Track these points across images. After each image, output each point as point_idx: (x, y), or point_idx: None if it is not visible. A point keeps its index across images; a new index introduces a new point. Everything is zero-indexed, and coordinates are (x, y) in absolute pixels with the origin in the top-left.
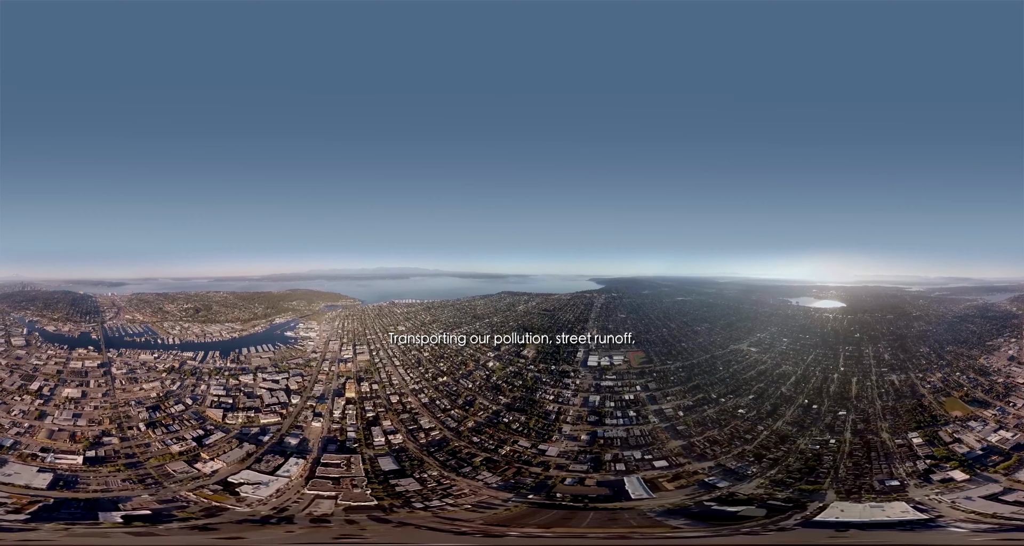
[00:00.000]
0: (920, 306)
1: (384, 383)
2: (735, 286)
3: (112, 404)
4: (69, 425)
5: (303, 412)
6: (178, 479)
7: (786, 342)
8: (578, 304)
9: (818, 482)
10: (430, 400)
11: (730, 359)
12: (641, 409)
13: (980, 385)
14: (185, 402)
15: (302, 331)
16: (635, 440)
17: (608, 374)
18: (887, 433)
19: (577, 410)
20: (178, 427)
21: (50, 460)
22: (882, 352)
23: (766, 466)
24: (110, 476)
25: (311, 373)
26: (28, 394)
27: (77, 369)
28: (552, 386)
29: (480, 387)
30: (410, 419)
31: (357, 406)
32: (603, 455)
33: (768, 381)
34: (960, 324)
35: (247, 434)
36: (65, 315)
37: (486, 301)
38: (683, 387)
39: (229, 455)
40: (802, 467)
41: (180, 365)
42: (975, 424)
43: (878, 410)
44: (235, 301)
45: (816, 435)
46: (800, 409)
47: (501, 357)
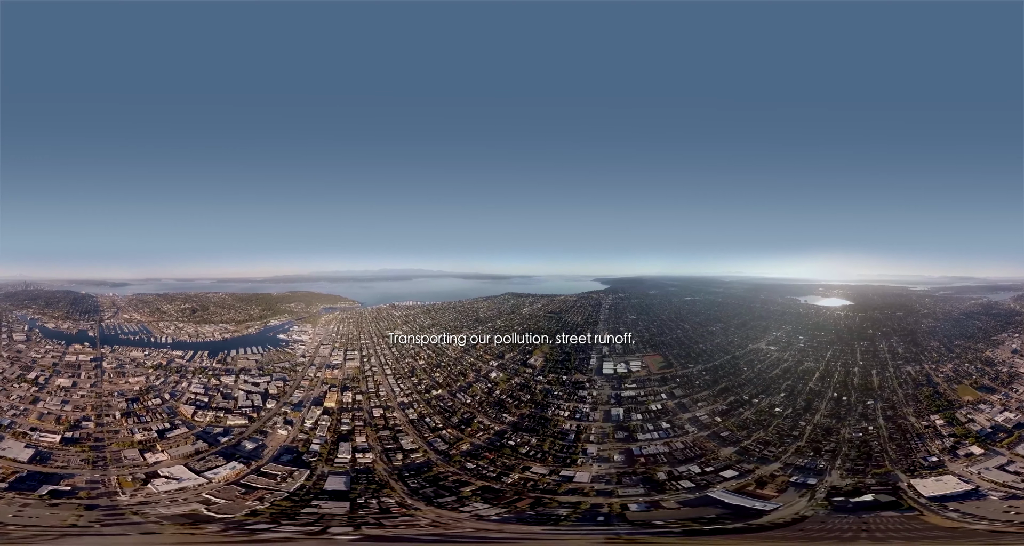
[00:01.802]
0: (927, 304)
1: (370, 394)
2: (741, 285)
3: (97, 394)
4: (57, 409)
5: (274, 418)
6: (122, 464)
7: (803, 340)
8: (585, 305)
9: (882, 465)
10: (419, 416)
11: (752, 359)
12: (674, 419)
13: (987, 374)
14: (163, 397)
15: (295, 334)
16: (681, 453)
17: (627, 382)
18: (913, 417)
19: (600, 426)
20: (148, 419)
21: (35, 438)
22: (895, 346)
23: (829, 458)
24: (74, 455)
25: (295, 378)
26: (25, 382)
27: (71, 362)
28: (566, 400)
29: (480, 403)
30: (390, 437)
31: (334, 417)
32: (654, 474)
33: (795, 378)
34: (966, 321)
35: (208, 433)
36: (65, 313)
37: (489, 303)
38: (711, 391)
39: (178, 450)
40: (859, 454)
41: (168, 363)
42: (984, 407)
43: (901, 398)
44: (233, 302)
45: (855, 424)
46: (832, 402)
47: (505, 366)
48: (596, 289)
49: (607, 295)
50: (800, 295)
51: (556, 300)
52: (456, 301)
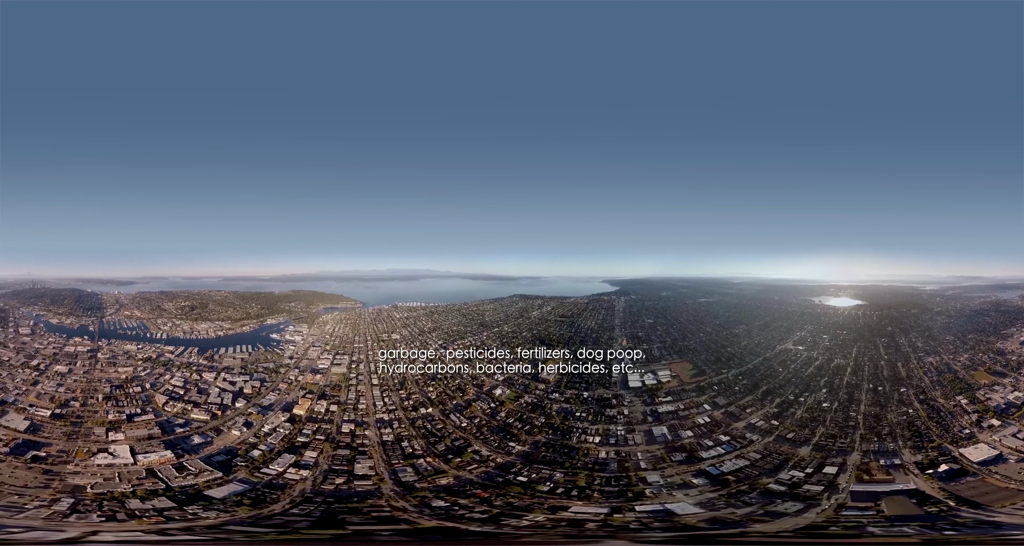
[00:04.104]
0: (938, 302)
1: (347, 405)
2: (752, 286)
3: (88, 379)
4: (52, 390)
5: (236, 418)
6: (89, 439)
7: (827, 338)
8: (598, 308)
9: (932, 440)
10: (396, 438)
11: (783, 359)
12: (730, 429)
13: (999, 362)
14: (144, 386)
15: (288, 334)
16: (766, 462)
17: (661, 395)
18: (942, 399)
19: (646, 450)
20: (125, 403)
21: (31, 412)
22: (915, 341)
23: (890, 441)
24: (58, 428)
25: (275, 380)
26: (28, 368)
27: (70, 352)
28: (592, 421)
29: (479, 427)
30: (347, 458)
31: (297, 426)
32: (767, 485)
33: (830, 374)
34: (978, 317)
35: (170, 422)
36: (69, 310)
37: (496, 305)
38: (754, 395)
39: (135, 432)
40: (912, 434)
41: (157, 356)
42: (998, 388)
43: (928, 384)
44: (234, 300)
45: (896, 409)
46: (870, 393)
47: (513, 381)
48: (606, 291)
49: (618, 297)
50: (812, 296)
51: (566, 303)
52: (461, 303)
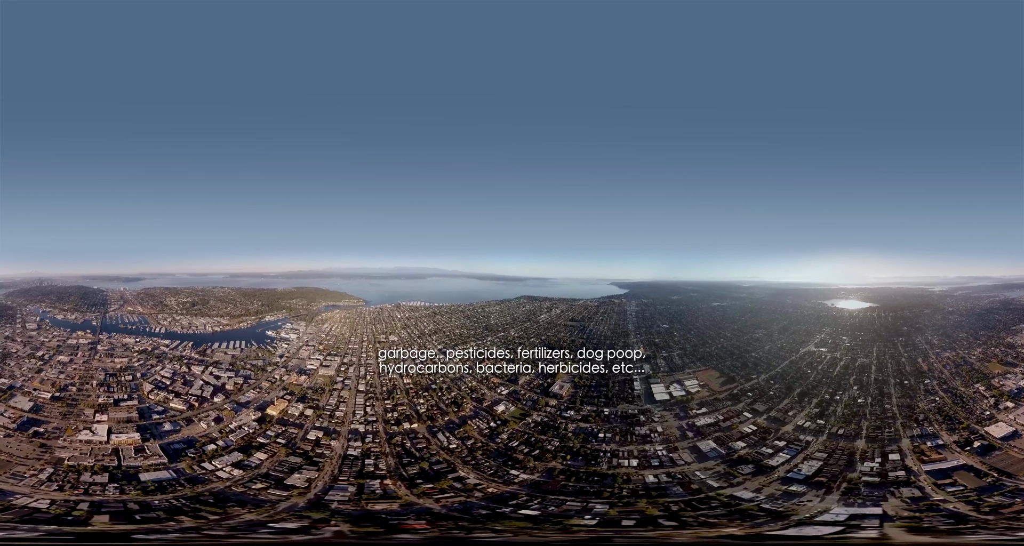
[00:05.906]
0: (949, 303)
1: (324, 411)
2: (762, 290)
3: (86, 368)
4: (54, 377)
5: (210, 412)
6: (79, 418)
7: (846, 340)
8: (609, 312)
9: (961, 422)
10: (363, 453)
11: (810, 360)
12: (782, 434)
13: (1009, 354)
14: (135, 375)
15: (284, 332)
16: (835, 461)
17: (694, 407)
18: (962, 387)
19: (703, 467)
20: (115, 389)
21: (35, 395)
22: (931, 338)
23: (928, 425)
24: (56, 409)
25: (258, 378)
26: (34, 358)
27: (72, 344)
28: (621, 443)
29: (472, 449)
30: (291, 467)
31: (264, 427)
32: (861, 480)
33: (857, 372)
34: (988, 315)
35: (149, 409)
36: (74, 306)
37: (502, 307)
38: (791, 398)
39: (116, 414)
40: (943, 418)
41: (153, 349)
42: (1011, 376)
43: (948, 375)
44: (235, 296)
45: (924, 398)
46: (897, 386)
47: (519, 396)
48: (615, 294)
49: (629, 300)
50: (823, 299)
51: (576, 306)
52: (466, 304)
